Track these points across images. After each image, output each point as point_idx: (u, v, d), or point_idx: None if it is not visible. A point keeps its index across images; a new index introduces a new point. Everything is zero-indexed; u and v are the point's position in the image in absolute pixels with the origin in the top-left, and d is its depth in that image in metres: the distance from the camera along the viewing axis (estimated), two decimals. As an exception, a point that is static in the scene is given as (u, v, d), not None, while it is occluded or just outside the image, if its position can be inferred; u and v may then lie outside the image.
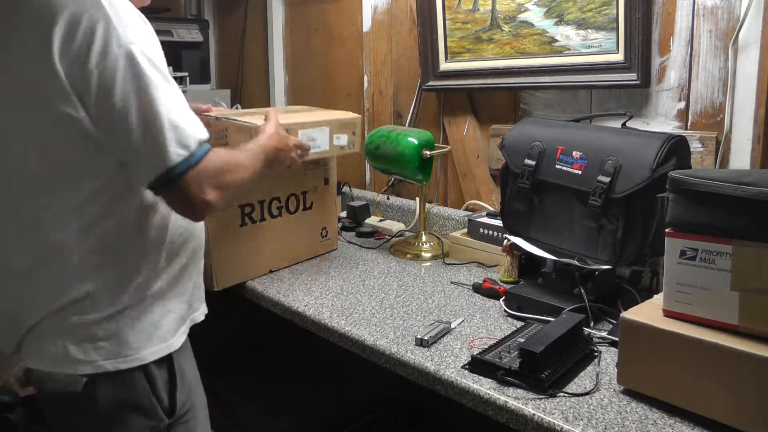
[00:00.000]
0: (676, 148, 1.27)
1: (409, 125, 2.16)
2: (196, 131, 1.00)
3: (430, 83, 2.03)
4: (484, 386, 1.06)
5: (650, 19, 1.52)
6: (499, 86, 1.86)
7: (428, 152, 1.74)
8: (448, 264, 1.74)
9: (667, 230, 1.00)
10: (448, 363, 1.15)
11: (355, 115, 1.71)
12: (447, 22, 1.94)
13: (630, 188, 1.27)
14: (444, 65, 1.98)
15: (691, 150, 1.36)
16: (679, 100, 1.52)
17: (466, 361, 1.14)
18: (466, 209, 2.01)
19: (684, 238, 0.97)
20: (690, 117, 1.51)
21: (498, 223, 1.68)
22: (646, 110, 1.58)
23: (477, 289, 1.51)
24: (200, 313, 1.22)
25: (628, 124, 1.42)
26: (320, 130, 1.59)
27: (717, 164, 1.45)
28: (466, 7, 1.89)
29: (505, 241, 1.55)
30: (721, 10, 1.42)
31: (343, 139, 1.66)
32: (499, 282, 1.54)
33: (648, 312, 1.02)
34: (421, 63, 2.03)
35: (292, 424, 1.97)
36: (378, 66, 2.27)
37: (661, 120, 1.55)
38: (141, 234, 1.06)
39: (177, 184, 0.98)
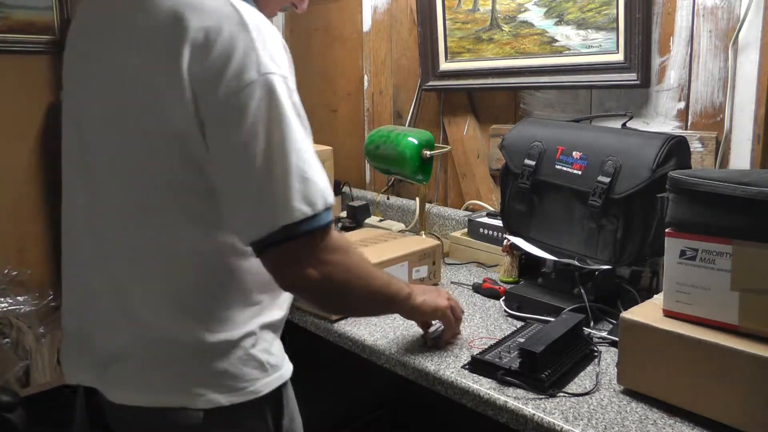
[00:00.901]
0: (676, 149, 1.26)
1: (409, 125, 2.16)
2: (326, 191, 0.85)
3: (430, 83, 2.03)
4: (484, 386, 1.06)
5: (650, 19, 1.52)
6: (499, 86, 1.87)
7: (428, 152, 1.75)
8: (448, 264, 1.74)
9: (667, 230, 1.00)
10: (448, 363, 1.15)
11: (436, 242, 1.57)
12: (447, 22, 1.94)
13: (630, 188, 1.27)
14: (444, 65, 1.98)
15: (691, 150, 1.36)
16: (679, 100, 1.52)
17: (466, 361, 1.14)
18: (466, 209, 2.01)
19: (684, 238, 0.97)
20: (690, 117, 1.51)
21: (498, 223, 1.68)
22: (646, 110, 1.58)
23: (477, 289, 1.51)
24: None
25: (629, 124, 1.42)
26: (399, 266, 1.46)
27: (717, 164, 1.45)
28: (466, 7, 1.89)
29: (505, 241, 1.55)
30: (721, 10, 1.42)
31: (423, 271, 1.52)
32: (499, 282, 1.54)
33: (648, 312, 1.02)
34: (421, 63, 2.03)
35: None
36: (378, 66, 2.27)
37: (661, 120, 1.55)
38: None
39: (284, 247, 0.82)
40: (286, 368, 0.98)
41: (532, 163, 1.45)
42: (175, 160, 0.85)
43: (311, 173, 0.83)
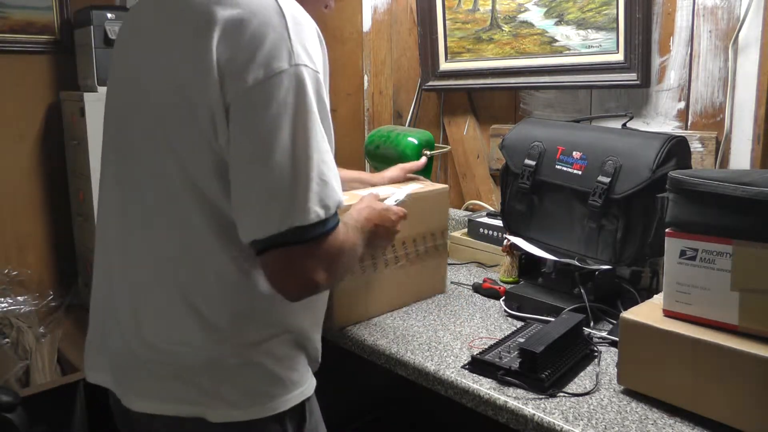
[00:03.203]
0: (676, 149, 1.26)
1: (409, 125, 2.16)
2: (341, 193, 0.83)
3: (430, 83, 2.03)
4: (484, 386, 1.06)
5: (650, 19, 1.52)
6: (499, 86, 1.87)
7: (428, 152, 1.74)
8: (448, 264, 1.74)
9: (667, 230, 1.00)
10: (448, 363, 1.15)
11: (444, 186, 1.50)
12: (447, 22, 1.94)
13: (630, 189, 1.27)
14: (444, 65, 1.98)
15: (691, 150, 1.36)
16: (679, 100, 1.52)
17: (466, 361, 1.14)
18: (466, 209, 2.01)
19: (684, 238, 0.97)
20: (690, 117, 1.51)
21: (498, 223, 1.68)
22: (646, 110, 1.58)
23: (477, 289, 1.51)
24: None
25: (629, 124, 1.42)
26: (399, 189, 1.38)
27: (717, 164, 1.45)
28: (466, 7, 1.89)
29: (505, 241, 1.55)
30: (721, 10, 1.42)
31: (398, 194, 1.36)
32: (499, 282, 1.54)
33: (648, 312, 1.02)
34: (421, 63, 2.03)
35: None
36: (378, 66, 2.27)
37: (661, 120, 1.55)
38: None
39: (289, 250, 0.79)
40: (309, 384, 0.96)
41: (533, 163, 1.45)
42: (201, 152, 0.82)
43: (330, 175, 0.81)
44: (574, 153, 1.38)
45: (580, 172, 1.36)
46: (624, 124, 1.42)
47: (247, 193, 0.80)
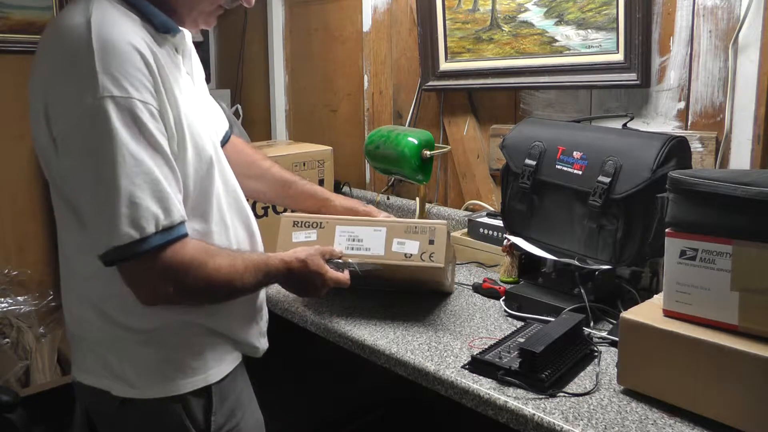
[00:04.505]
0: (676, 149, 1.26)
1: (409, 125, 2.16)
2: (161, 214, 0.88)
3: (430, 83, 2.03)
4: (484, 386, 1.06)
5: (650, 19, 1.52)
6: (499, 86, 1.86)
7: (428, 152, 1.74)
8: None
9: (667, 230, 1.00)
10: (448, 363, 1.15)
11: (442, 222, 1.29)
12: (447, 22, 1.94)
13: (630, 189, 1.27)
14: (444, 65, 1.98)
15: (691, 150, 1.36)
16: (679, 100, 1.52)
17: (466, 361, 1.14)
18: (466, 209, 2.01)
19: (684, 238, 0.97)
20: (690, 117, 1.51)
21: (498, 223, 1.68)
22: (646, 110, 1.58)
23: (477, 289, 1.51)
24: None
25: (629, 124, 1.42)
26: (373, 230, 1.27)
27: (717, 164, 1.45)
28: (466, 7, 1.89)
29: (505, 241, 1.55)
30: (721, 10, 1.42)
31: (410, 246, 1.26)
32: (499, 282, 1.54)
33: (648, 312, 1.02)
34: (421, 63, 2.03)
35: (292, 425, 1.97)
36: (378, 66, 2.27)
37: (661, 120, 1.55)
38: None
39: (126, 266, 0.89)
40: (216, 371, 1.04)
41: (533, 163, 1.45)
42: (50, 177, 0.96)
43: (142, 197, 0.86)
44: (574, 153, 1.38)
45: (580, 172, 1.36)
46: (625, 125, 1.42)
47: (84, 217, 0.92)
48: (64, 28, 0.89)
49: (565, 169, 1.39)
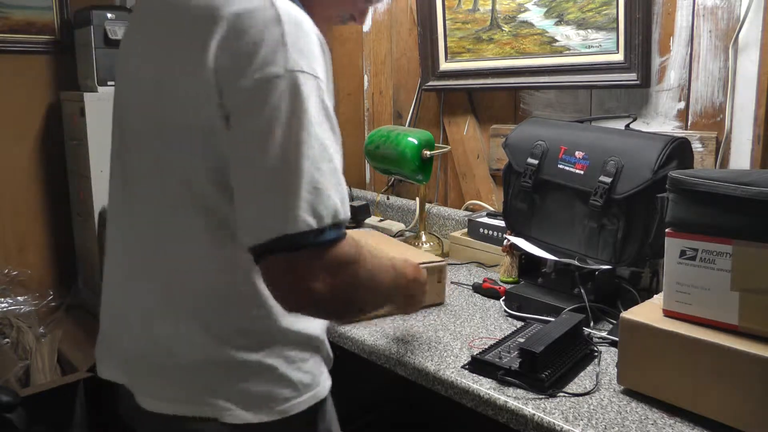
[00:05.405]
0: (678, 151, 1.27)
1: (409, 125, 2.16)
2: (339, 205, 0.80)
3: (430, 83, 2.03)
4: (484, 386, 1.06)
5: (650, 19, 1.52)
6: (499, 86, 1.87)
7: (428, 152, 1.75)
8: (448, 264, 1.74)
9: (667, 230, 1.00)
10: (448, 363, 1.15)
11: (441, 260, 1.45)
12: (447, 22, 1.94)
13: (631, 189, 1.27)
14: (444, 65, 1.98)
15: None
16: (679, 100, 1.52)
17: (466, 361, 1.14)
18: (466, 209, 2.01)
19: (684, 238, 0.97)
20: (690, 117, 1.51)
21: (498, 223, 1.68)
22: (646, 110, 1.58)
23: (477, 289, 1.51)
24: None
25: (632, 125, 1.43)
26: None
27: (717, 164, 1.45)
28: (466, 7, 1.89)
29: (505, 241, 1.55)
30: (721, 10, 1.42)
31: None
32: (499, 282, 1.54)
33: (648, 312, 1.02)
34: (421, 63, 2.03)
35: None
36: (378, 66, 2.27)
37: (661, 120, 1.55)
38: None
39: (286, 258, 0.77)
40: (322, 387, 0.95)
41: (535, 162, 1.45)
42: (198, 158, 0.83)
43: (325, 184, 0.78)
44: (576, 153, 1.38)
45: (582, 172, 1.36)
46: (627, 126, 1.42)
47: (244, 199, 0.80)
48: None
49: (566, 168, 1.39)
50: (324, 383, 0.96)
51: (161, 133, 0.87)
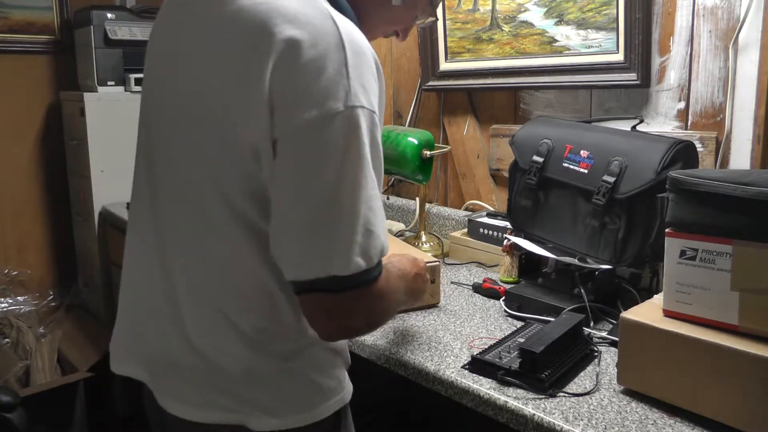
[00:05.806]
0: (682, 153, 1.27)
1: (409, 125, 2.16)
2: (385, 243, 0.79)
3: (430, 83, 2.03)
4: (484, 386, 1.06)
5: (650, 19, 1.53)
6: (499, 86, 1.87)
7: (428, 152, 1.74)
8: (448, 264, 1.74)
9: (667, 230, 1.00)
10: (448, 363, 1.15)
11: (435, 261, 1.43)
12: (447, 22, 1.94)
13: (634, 189, 1.27)
14: (444, 65, 1.98)
15: (691, 150, 1.36)
16: (679, 100, 1.52)
17: (466, 361, 1.14)
18: (466, 209, 2.01)
19: (684, 238, 0.97)
20: (690, 117, 1.51)
21: (498, 223, 1.68)
22: (646, 110, 1.58)
23: (477, 289, 1.51)
24: None
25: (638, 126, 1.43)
26: None
27: (717, 164, 1.45)
28: (466, 7, 1.89)
29: (505, 240, 1.55)
30: (721, 10, 1.42)
31: None
32: (499, 282, 1.54)
33: (648, 312, 1.02)
34: (421, 63, 2.03)
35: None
36: (378, 66, 2.27)
37: (661, 120, 1.55)
38: None
39: (331, 299, 0.76)
40: (347, 391, 0.94)
41: (540, 159, 1.46)
42: (239, 173, 0.79)
43: (376, 223, 0.77)
44: (581, 152, 1.39)
45: (586, 171, 1.36)
46: (634, 127, 1.43)
47: (289, 233, 0.77)
48: (295, 15, 0.76)
49: (571, 167, 1.40)
50: (348, 387, 0.95)
51: (201, 145, 0.83)
